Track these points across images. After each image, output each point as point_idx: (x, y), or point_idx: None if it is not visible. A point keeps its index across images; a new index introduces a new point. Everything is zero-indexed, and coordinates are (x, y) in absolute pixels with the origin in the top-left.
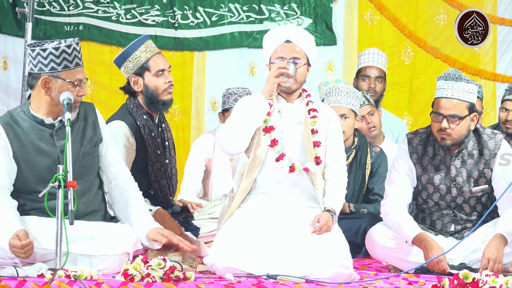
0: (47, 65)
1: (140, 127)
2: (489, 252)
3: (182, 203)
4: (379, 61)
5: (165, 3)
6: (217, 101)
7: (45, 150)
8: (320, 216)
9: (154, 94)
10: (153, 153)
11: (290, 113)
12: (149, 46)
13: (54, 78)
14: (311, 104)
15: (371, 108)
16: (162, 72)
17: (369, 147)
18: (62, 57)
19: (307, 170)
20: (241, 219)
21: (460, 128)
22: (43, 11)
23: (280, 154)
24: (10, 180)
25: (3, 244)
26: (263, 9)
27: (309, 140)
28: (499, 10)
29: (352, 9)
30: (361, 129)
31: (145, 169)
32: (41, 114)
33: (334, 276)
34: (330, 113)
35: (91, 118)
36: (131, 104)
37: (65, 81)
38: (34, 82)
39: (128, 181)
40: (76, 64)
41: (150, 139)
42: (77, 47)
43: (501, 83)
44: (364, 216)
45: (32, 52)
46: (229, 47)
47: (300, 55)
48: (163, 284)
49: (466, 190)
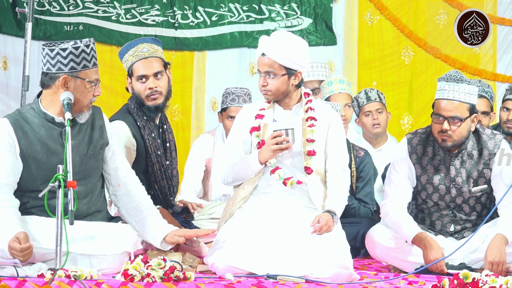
0: (66, 64)
1: (140, 128)
2: (492, 255)
3: (182, 204)
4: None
5: (165, 3)
6: (217, 101)
7: (53, 149)
8: (321, 216)
9: (139, 99)
10: (153, 153)
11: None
12: (138, 50)
13: (73, 77)
14: (310, 111)
15: (381, 106)
16: (143, 78)
17: (353, 152)
18: (82, 56)
19: (300, 183)
20: (241, 219)
21: (461, 130)
22: (43, 11)
23: (274, 167)
24: (15, 179)
25: (3, 245)
26: (263, 9)
27: (303, 149)
28: (499, 10)
29: (352, 9)
30: (366, 124)
31: (145, 169)
32: (53, 112)
33: (334, 276)
34: (332, 116)
35: (98, 122)
36: (131, 105)
37: (84, 81)
38: (51, 82)
39: (136, 185)
40: (93, 64)
41: (150, 140)
42: (93, 47)
43: (501, 83)
44: (362, 220)
45: (50, 52)
46: (229, 47)
47: (273, 68)
48: (163, 284)
49: (465, 190)
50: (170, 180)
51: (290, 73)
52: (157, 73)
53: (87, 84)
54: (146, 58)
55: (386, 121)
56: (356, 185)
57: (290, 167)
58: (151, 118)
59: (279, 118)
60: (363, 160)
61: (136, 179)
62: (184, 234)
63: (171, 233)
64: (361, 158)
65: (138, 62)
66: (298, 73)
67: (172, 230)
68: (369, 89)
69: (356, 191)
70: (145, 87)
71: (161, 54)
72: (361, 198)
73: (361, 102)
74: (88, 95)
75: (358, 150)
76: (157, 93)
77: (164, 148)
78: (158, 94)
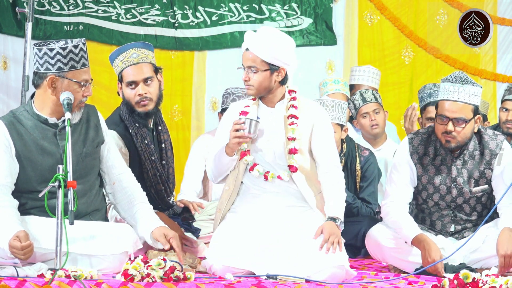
0: (54, 64)
1: (132, 136)
2: (503, 249)
3: (182, 204)
4: (369, 79)
5: (165, 3)
6: (217, 101)
7: (48, 149)
8: (323, 227)
9: (129, 105)
10: (148, 160)
11: (269, 119)
12: (128, 55)
13: (60, 78)
14: (292, 109)
15: (377, 107)
16: (133, 84)
17: (358, 151)
18: (69, 57)
19: (280, 178)
20: (234, 221)
21: (465, 131)
22: (43, 11)
23: (252, 164)
24: (12, 179)
25: (3, 244)
26: (264, 9)
27: (285, 147)
28: (499, 10)
29: (352, 9)
30: (364, 125)
31: (140, 175)
32: (45, 113)
33: (331, 276)
34: (317, 114)
35: (93, 120)
36: (123, 111)
37: (71, 81)
38: (40, 82)
39: (131, 181)
40: (82, 64)
41: (143, 147)
42: (83, 47)
43: (501, 83)
44: (363, 219)
45: (39, 51)
46: (229, 46)
47: (255, 63)
48: (163, 284)
49: (466, 190)
50: (167, 183)
51: (273, 69)
52: (147, 79)
53: (74, 84)
54: (135, 64)
55: (384, 120)
56: (360, 184)
57: (273, 165)
58: (143, 124)
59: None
60: (368, 160)
61: (131, 177)
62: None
63: (160, 229)
64: (366, 158)
65: (128, 68)
66: (281, 69)
67: (161, 227)
68: (364, 90)
69: (360, 191)
70: (135, 94)
71: (151, 59)
72: (364, 197)
73: (357, 104)
74: (77, 95)
75: (363, 150)
76: (146, 100)
77: (160, 149)
78: (148, 100)
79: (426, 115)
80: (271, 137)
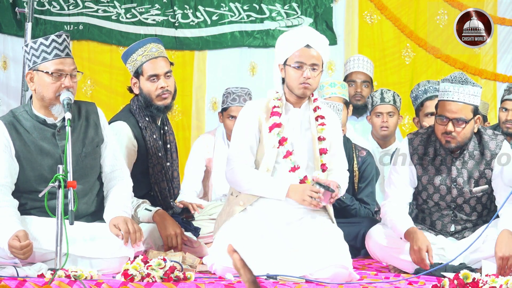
0: (30, 60)
1: (142, 129)
2: (501, 251)
3: (182, 204)
4: (364, 66)
5: (165, 2)
6: (218, 101)
7: (47, 150)
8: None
9: (147, 99)
10: (154, 155)
11: (297, 119)
12: (147, 50)
13: (35, 71)
14: (318, 110)
15: (393, 110)
16: (155, 78)
17: (355, 152)
18: (41, 49)
19: (316, 180)
20: (241, 220)
21: (465, 132)
22: (43, 10)
23: (294, 166)
24: (12, 179)
25: (3, 244)
26: (264, 9)
27: (316, 147)
28: (499, 10)
29: (353, 9)
30: (375, 124)
31: (146, 171)
32: (43, 114)
33: (333, 276)
34: (334, 119)
35: (92, 118)
36: (134, 105)
37: (43, 72)
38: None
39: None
40: (55, 55)
41: (151, 141)
42: (58, 39)
43: (502, 83)
44: (362, 220)
45: (25, 52)
46: (229, 46)
47: (318, 62)
48: (163, 284)
49: (466, 190)
50: (171, 182)
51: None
52: (167, 72)
53: (46, 76)
54: (156, 57)
55: (396, 124)
56: (358, 185)
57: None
58: (153, 119)
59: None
60: (365, 160)
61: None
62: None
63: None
64: (363, 158)
65: (148, 62)
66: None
67: (118, 217)
68: (386, 90)
69: (358, 191)
70: (156, 87)
71: (166, 54)
72: (362, 198)
73: (374, 102)
74: (50, 87)
75: (360, 150)
76: (167, 93)
77: (165, 149)
78: (168, 93)
79: (424, 111)
80: (302, 137)
